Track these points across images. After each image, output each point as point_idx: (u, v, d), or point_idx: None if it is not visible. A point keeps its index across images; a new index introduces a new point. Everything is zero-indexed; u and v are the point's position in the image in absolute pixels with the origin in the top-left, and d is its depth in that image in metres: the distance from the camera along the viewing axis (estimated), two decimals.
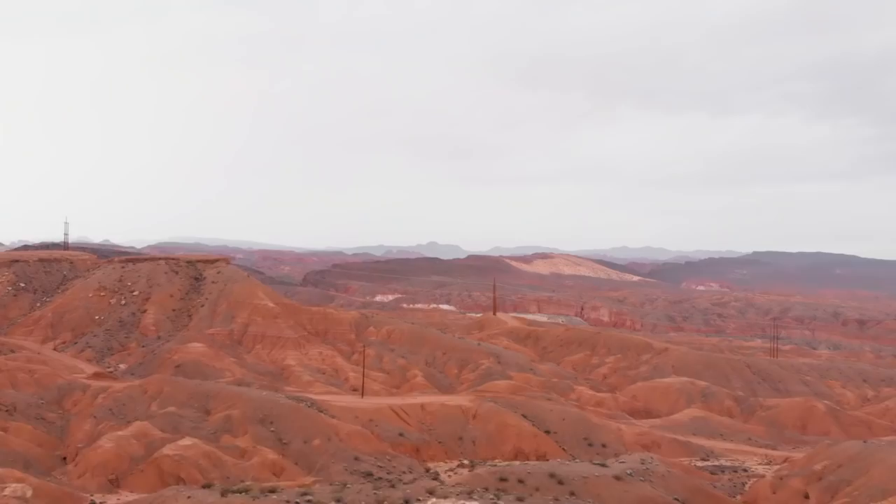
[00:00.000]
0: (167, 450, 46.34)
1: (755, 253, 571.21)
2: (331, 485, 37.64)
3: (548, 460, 50.22)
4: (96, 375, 67.65)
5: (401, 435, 56.34)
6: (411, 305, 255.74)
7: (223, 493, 33.68)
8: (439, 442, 57.43)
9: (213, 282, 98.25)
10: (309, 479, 44.31)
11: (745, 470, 55.66)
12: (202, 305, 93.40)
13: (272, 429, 52.29)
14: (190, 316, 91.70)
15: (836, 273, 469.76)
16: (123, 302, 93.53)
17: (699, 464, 57.00)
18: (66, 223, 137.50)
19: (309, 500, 32.90)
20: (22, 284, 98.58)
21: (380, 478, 44.07)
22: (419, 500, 33.33)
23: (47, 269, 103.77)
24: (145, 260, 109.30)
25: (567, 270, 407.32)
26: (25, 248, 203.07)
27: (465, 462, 51.71)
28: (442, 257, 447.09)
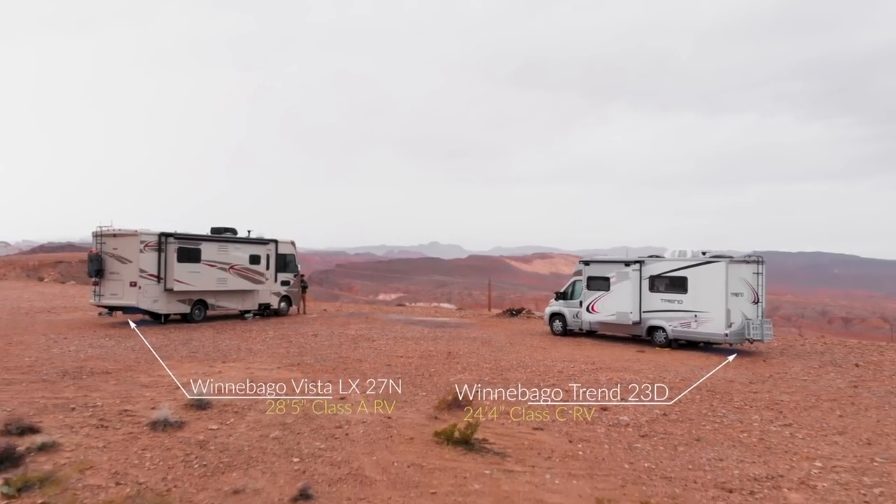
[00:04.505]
0: None
1: (755, 252, 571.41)
2: None
3: None
4: None
5: None
6: (413, 304, 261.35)
7: None
8: None
9: None
10: None
11: None
12: None
13: None
14: None
15: (835, 273, 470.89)
16: None
17: None
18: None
19: None
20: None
21: None
22: None
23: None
24: None
25: (566, 270, 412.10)
26: (41, 248, 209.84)
27: None
28: (444, 257, 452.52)
